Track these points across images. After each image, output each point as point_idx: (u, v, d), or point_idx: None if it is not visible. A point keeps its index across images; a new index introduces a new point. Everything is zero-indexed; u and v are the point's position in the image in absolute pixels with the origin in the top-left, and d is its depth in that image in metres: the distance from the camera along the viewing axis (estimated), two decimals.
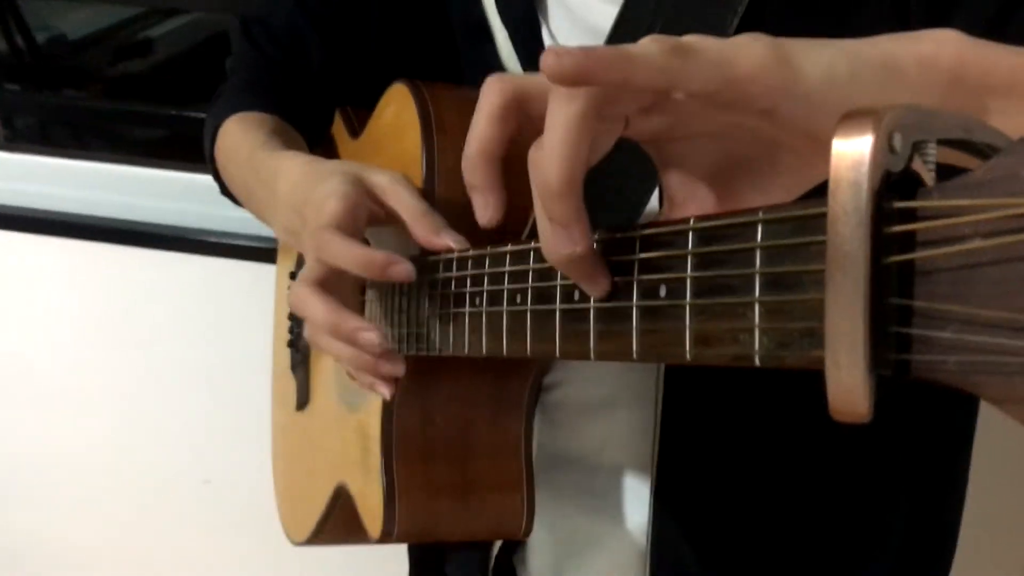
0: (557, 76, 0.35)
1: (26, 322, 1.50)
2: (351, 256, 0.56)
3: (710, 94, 0.36)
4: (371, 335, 0.55)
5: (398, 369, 0.58)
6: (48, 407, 1.54)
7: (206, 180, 0.84)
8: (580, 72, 0.35)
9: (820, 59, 0.37)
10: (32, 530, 1.64)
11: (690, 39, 0.37)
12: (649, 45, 0.36)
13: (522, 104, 0.41)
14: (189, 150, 1.32)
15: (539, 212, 0.40)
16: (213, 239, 1.34)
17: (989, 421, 0.71)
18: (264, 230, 1.16)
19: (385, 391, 0.60)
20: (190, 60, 1.56)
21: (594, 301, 0.42)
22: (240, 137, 0.75)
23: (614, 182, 0.59)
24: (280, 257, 1.01)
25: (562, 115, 0.37)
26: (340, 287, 0.58)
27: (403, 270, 0.55)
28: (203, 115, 0.81)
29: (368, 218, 0.59)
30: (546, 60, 0.35)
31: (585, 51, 0.35)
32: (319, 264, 0.58)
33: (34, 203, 1.40)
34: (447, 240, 0.56)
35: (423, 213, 0.58)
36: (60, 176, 1.40)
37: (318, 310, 0.57)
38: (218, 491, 1.51)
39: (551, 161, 0.37)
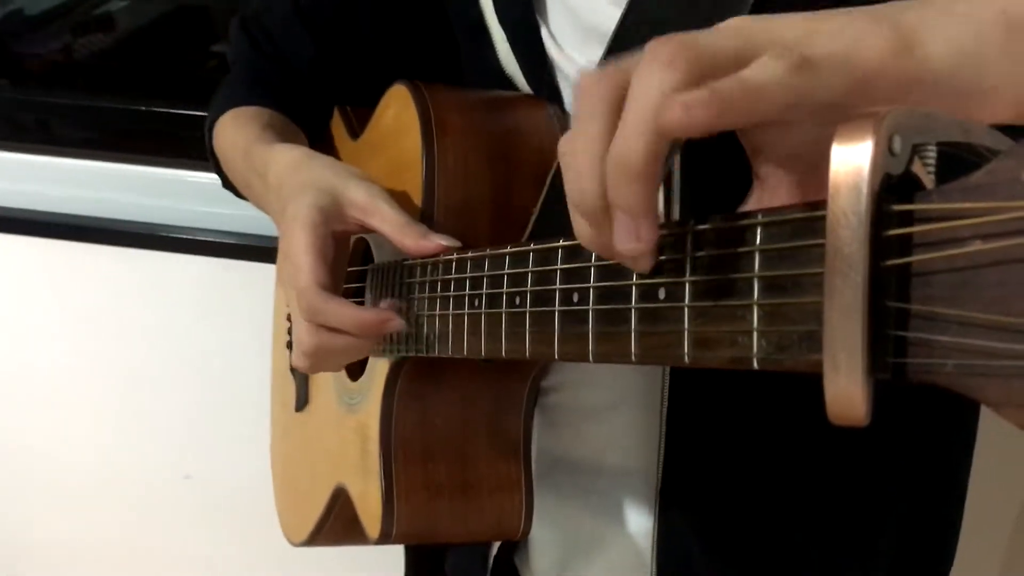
0: (686, 127, 0.31)
1: (11, 322, 1.50)
2: (345, 320, 0.57)
3: (835, 99, 0.33)
4: (397, 322, 0.57)
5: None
6: (33, 405, 1.54)
7: (200, 177, 0.84)
8: (713, 119, 0.31)
9: (946, 37, 0.33)
10: (14, 526, 1.64)
11: (807, 47, 0.32)
12: (770, 66, 0.32)
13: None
14: (177, 146, 1.32)
15: (590, 201, 0.35)
16: (209, 238, 1.34)
17: (988, 422, 0.71)
18: (259, 229, 1.17)
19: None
20: (151, 34, 1.54)
21: (592, 304, 0.42)
22: (236, 130, 0.76)
23: None
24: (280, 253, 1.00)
25: (656, 84, 0.32)
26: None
27: (396, 325, 0.57)
28: (189, 112, 0.82)
29: (341, 237, 0.61)
30: (673, 113, 0.31)
31: (713, 94, 0.31)
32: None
33: (20, 203, 1.39)
34: (436, 242, 0.57)
35: (404, 224, 0.59)
36: (43, 174, 1.39)
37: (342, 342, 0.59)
38: (199, 487, 1.51)
39: (636, 136, 0.33)
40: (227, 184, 0.83)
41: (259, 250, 1.23)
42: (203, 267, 1.34)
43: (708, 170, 0.44)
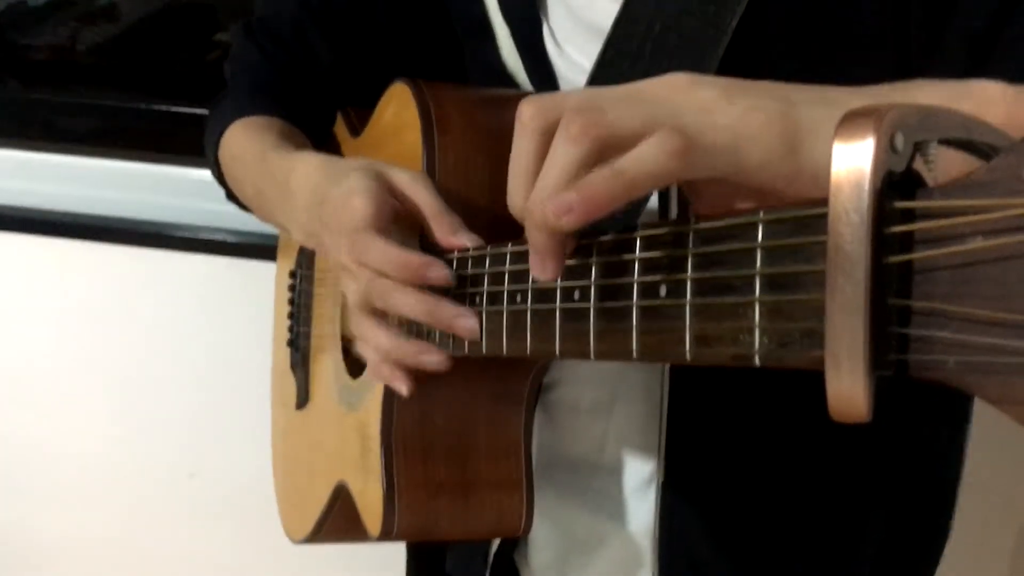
0: (560, 227, 0.38)
1: (16, 320, 1.50)
2: (387, 258, 0.55)
3: (718, 177, 0.38)
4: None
5: (443, 362, 0.57)
6: (37, 403, 1.54)
7: (203, 175, 0.83)
8: (585, 218, 0.37)
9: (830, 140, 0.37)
10: (18, 523, 1.64)
11: (700, 133, 0.37)
12: (651, 152, 0.36)
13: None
14: (180, 143, 1.32)
15: (515, 206, 0.42)
16: (195, 235, 1.33)
17: (985, 419, 0.71)
18: (260, 227, 1.17)
19: (403, 387, 0.59)
20: (156, 25, 1.54)
21: (593, 301, 0.42)
22: (247, 141, 0.74)
23: None
24: (280, 256, 1.00)
25: (561, 158, 0.38)
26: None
27: (440, 275, 0.54)
28: (193, 111, 0.81)
29: (393, 214, 0.59)
30: (553, 209, 0.37)
31: (583, 194, 0.37)
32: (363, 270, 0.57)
33: (22, 201, 1.39)
34: (463, 240, 0.56)
35: (442, 212, 0.57)
36: (46, 172, 1.39)
37: (380, 332, 0.58)
38: (203, 484, 1.51)
39: (540, 200, 0.39)
40: (230, 195, 0.81)
41: (264, 248, 1.23)
42: (208, 265, 1.34)
43: None
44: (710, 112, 0.38)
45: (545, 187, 0.39)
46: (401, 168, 0.60)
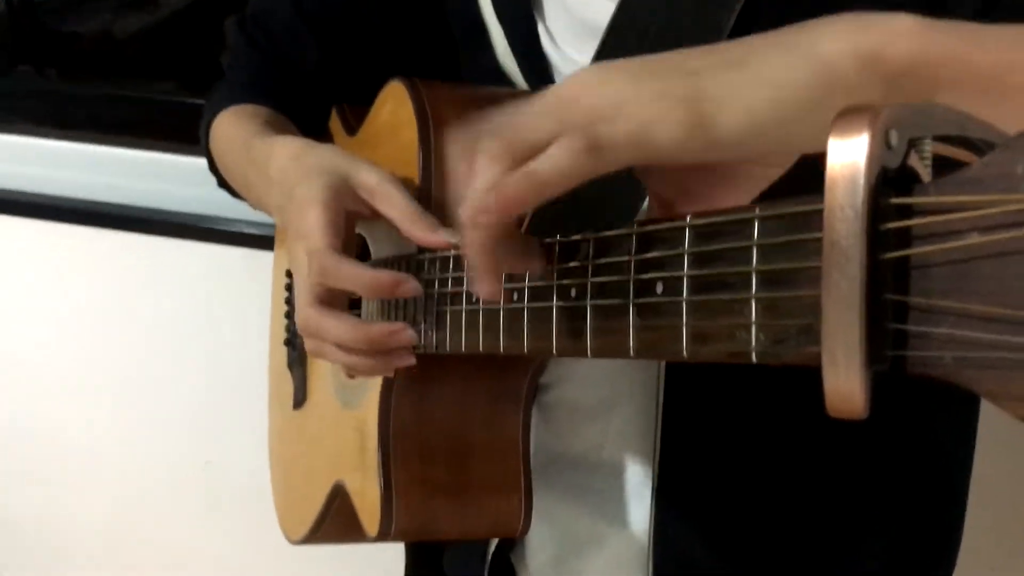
0: (476, 227, 0.40)
1: (25, 307, 1.50)
2: (358, 280, 0.55)
3: (629, 165, 0.39)
4: (408, 333, 0.56)
5: (409, 361, 0.58)
6: (50, 392, 1.54)
7: (204, 164, 0.84)
8: (501, 217, 0.40)
9: (740, 106, 0.37)
10: (36, 512, 1.64)
11: (604, 129, 0.38)
12: (558, 155, 0.38)
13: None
14: (188, 133, 1.32)
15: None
16: (211, 225, 1.34)
17: (995, 420, 0.71)
18: (263, 216, 1.17)
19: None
20: (193, 15, 1.54)
21: (590, 299, 0.42)
22: (234, 128, 0.75)
23: (610, 180, 0.59)
24: (277, 249, 1.00)
25: (483, 178, 0.41)
26: (340, 295, 0.58)
27: (411, 288, 0.54)
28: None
29: (353, 220, 0.59)
30: (470, 210, 0.40)
31: (498, 196, 0.39)
32: (319, 285, 0.57)
33: (28, 186, 1.40)
34: (443, 237, 0.56)
35: (416, 213, 0.57)
36: (53, 158, 1.39)
37: (339, 330, 0.57)
38: (219, 472, 1.51)
39: (465, 220, 0.41)
40: (222, 183, 0.82)
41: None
42: (220, 254, 1.35)
43: None
44: (617, 105, 0.38)
45: (471, 199, 0.41)
46: (370, 168, 0.60)
